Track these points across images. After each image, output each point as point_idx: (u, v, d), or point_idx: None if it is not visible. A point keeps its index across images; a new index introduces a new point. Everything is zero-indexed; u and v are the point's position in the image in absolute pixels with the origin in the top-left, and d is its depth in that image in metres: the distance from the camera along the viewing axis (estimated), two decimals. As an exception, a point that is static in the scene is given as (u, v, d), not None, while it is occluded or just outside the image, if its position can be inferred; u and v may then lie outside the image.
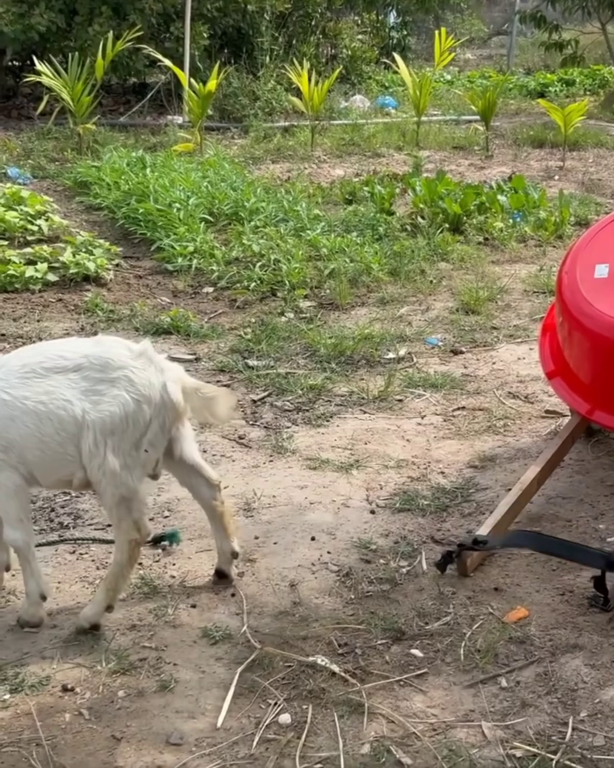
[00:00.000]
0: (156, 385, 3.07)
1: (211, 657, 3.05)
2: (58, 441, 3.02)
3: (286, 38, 14.19)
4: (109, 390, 3.02)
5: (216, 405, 3.26)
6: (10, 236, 7.38)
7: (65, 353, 3.09)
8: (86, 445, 3.01)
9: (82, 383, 3.03)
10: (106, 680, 2.93)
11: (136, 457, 3.06)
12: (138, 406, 3.03)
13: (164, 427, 3.12)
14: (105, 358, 3.06)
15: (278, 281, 6.75)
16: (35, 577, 3.17)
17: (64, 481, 3.15)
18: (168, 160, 9.56)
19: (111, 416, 3.00)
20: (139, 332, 5.97)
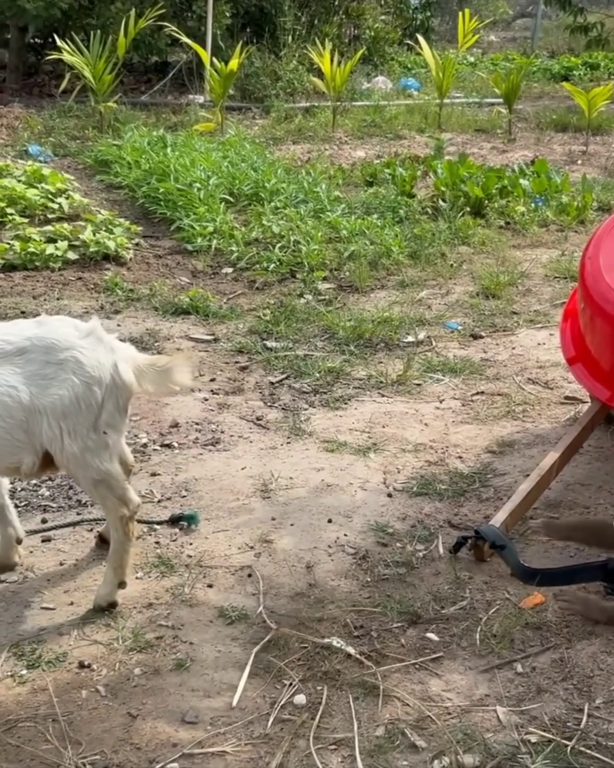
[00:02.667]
0: (106, 365, 3.00)
1: (227, 636, 3.06)
2: (5, 428, 2.94)
3: (308, 18, 14.08)
4: (57, 373, 2.94)
5: (175, 374, 3.18)
6: (31, 214, 7.38)
7: (9, 337, 2.99)
8: (42, 430, 2.95)
9: (28, 367, 2.94)
10: (122, 657, 2.94)
11: (96, 440, 3.00)
12: (88, 388, 2.95)
13: (119, 408, 3.05)
14: (50, 340, 2.97)
15: (298, 263, 6.73)
16: None
17: (12, 468, 3.07)
18: (189, 139, 9.53)
19: (60, 399, 2.93)
20: (159, 312, 5.97)
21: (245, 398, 4.85)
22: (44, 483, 3.96)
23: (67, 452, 2.99)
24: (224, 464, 4.15)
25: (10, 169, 8.32)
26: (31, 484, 3.94)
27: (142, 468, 4.08)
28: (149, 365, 3.17)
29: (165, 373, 3.19)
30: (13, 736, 2.63)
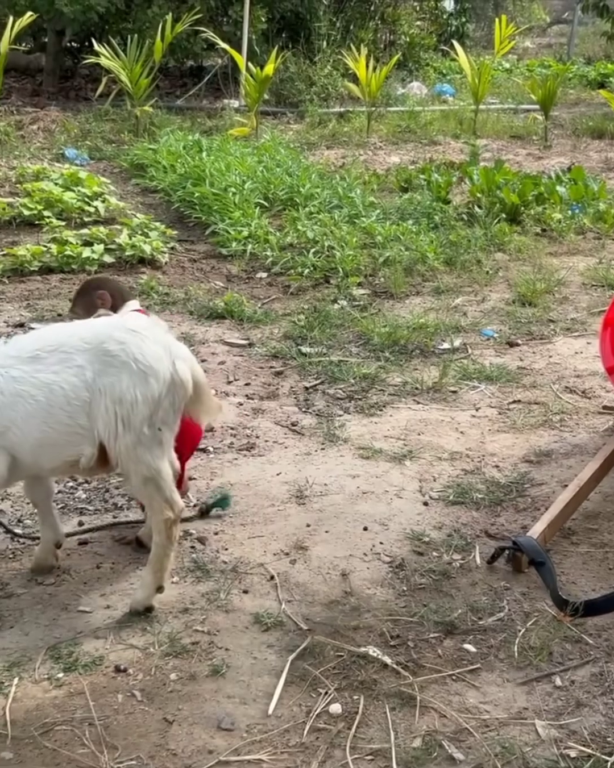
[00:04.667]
0: (165, 361, 3.02)
1: (262, 643, 3.05)
2: (69, 412, 2.97)
3: (344, 23, 14.08)
4: (118, 354, 2.97)
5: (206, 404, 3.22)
6: (67, 217, 7.43)
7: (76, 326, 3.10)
8: (100, 414, 2.97)
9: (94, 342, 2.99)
10: (158, 662, 2.94)
11: (150, 436, 3.01)
12: (144, 379, 2.97)
13: (175, 406, 3.07)
14: (115, 325, 3.06)
15: (332, 268, 6.72)
16: None
17: (70, 462, 3.07)
18: (224, 144, 9.56)
19: (119, 384, 2.95)
20: (194, 316, 5.99)
21: (280, 403, 4.84)
22: (81, 486, 3.98)
23: (120, 443, 2.99)
24: (259, 469, 4.15)
25: (47, 172, 8.40)
26: (67, 487, 3.96)
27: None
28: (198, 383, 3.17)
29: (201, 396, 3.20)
30: (50, 739, 2.63)
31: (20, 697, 2.77)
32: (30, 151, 9.70)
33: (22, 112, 11.54)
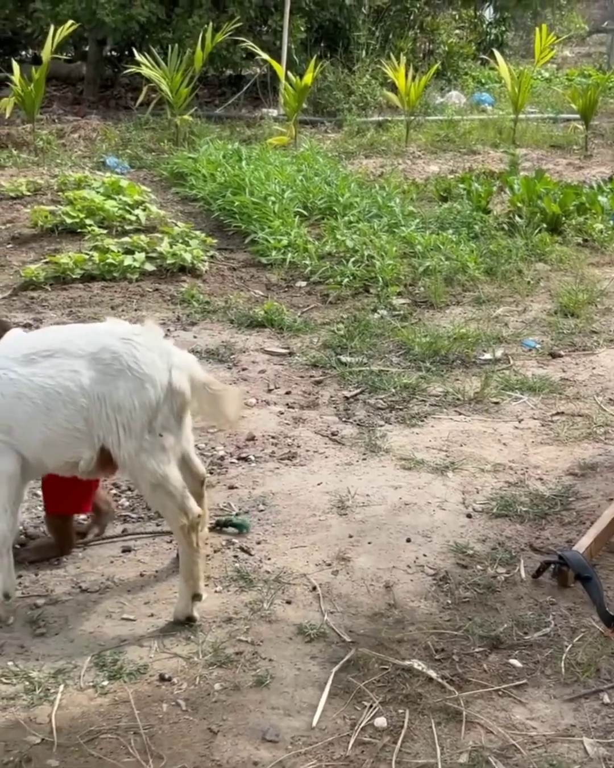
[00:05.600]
0: (161, 367, 3.03)
1: (306, 655, 3.04)
2: (66, 415, 2.99)
3: (382, 32, 14.08)
4: (113, 362, 2.99)
5: (224, 403, 3.21)
6: (109, 225, 7.49)
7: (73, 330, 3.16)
8: (101, 420, 2.99)
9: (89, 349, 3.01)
10: (202, 672, 2.94)
11: (152, 441, 3.01)
12: (141, 385, 2.98)
13: (174, 413, 3.06)
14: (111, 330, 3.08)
15: (372, 277, 6.71)
16: (4, 574, 3.12)
17: (71, 463, 3.10)
18: (263, 153, 9.59)
19: (116, 390, 2.97)
20: (234, 324, 6.00)
21: (320, 413, 4.83)
22: (124, 493, 3.99)
23: (123, 450, 3.01)
24: (300, 479, 4.14)
25: (88, 180, 8.49)
26: (111, 494, 3.97)
27: (219, 481, 4.10)
28: (204, 384, 3.18)
29: (216, 398, 3.20)
30: (95, 747, 2.64)
31: (66, 705, 2.78)
32: (71, 160, 9.80)
33: (63, 120, 11.68)
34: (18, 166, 9.39)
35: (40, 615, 3.16)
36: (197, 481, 3.31)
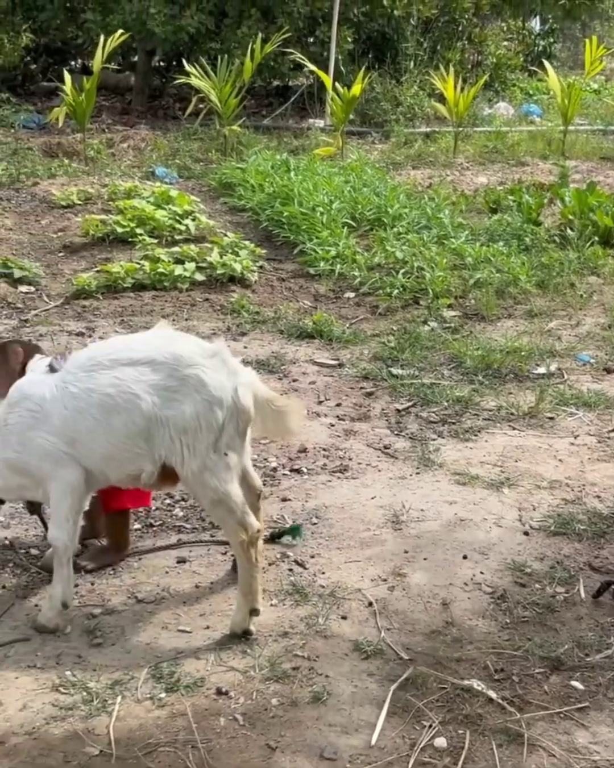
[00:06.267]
0: (227, 388, 3.01)
1: (363, 672, 3.00)
2: (126, 433, 2.99)
3: (430, 43, 14.07)
4: (180, 388, 2.98)
5: (287, 419, 3.21)
6: (159, 234, 7.53)
7: (135, 345, 3.08)
8: (164, 442, 2.99)
9: (152, 376, 2.99)
10: (259, 686, 2.92)
11: (216, 460, 3.01)
12: (209, 408, 2.97)
13: (239, 431, 3.06)
14: (176, 354, 3.02)
15: (421, 289, 6.68)
16: (64, 584, 3.12)
17: (132, 476, 3.10)
18: (311, 163, 9.60)
19: (182, 415, 2.96)
20: (284, 335, 6.00)
21: (372, 425, 4.81)
22: (178, 503, 3.99)
23: (187, 468, 3.01)
24: (353, 492, 4.11)
25: (138, 190, 8.54)
26: (165, 504, 3.97)
27: (272, 492, 4.08)
28: (267, 400, 3.18)
29: (279, 414, 3.20)
30: (153, 760, 2.62)
31: (124, 716, 2.77)
32: (121, 169, 9.87)
33: (112, 130, 11.79)
34: (69, 175, 9.49)
35: (96, 625, 3.16)
36: (253, 494, 3.29)
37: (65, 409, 3.00)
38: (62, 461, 3.02)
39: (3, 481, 3.13)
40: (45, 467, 3.03)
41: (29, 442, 3.03)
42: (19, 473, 3.10)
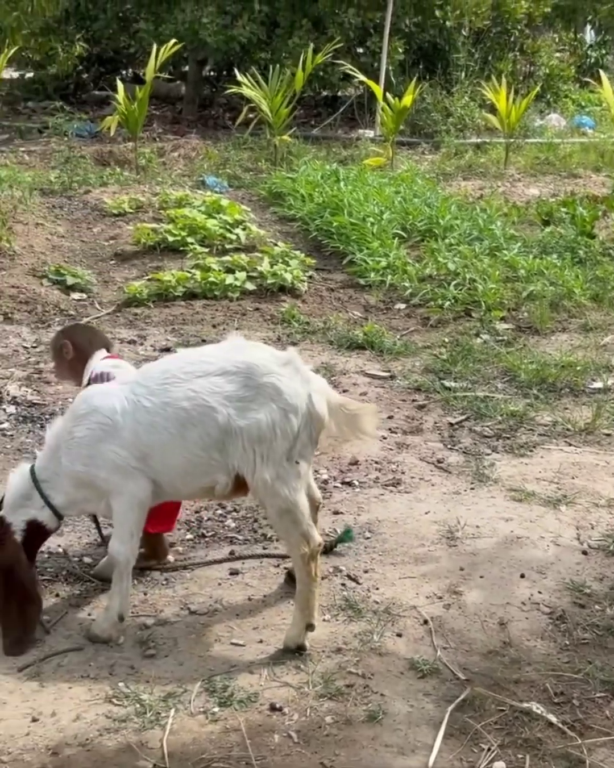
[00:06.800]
0: (302, 395, 3.00)
1: (419, 691, 2.95)
2: (201, 446, 2.97)
3: (482, 54, 14.00)
4: (255, 397, 2.96)
5: (361, 422, 3.18)
6: (209, 244, 7.54)
7: (209, 358, 3.06)
8: (237, 452, 2.97)
9: (227, 387, 2.97)
10: (313, 703, 2.87)
11: (288, 469, 2.98)
12: (284, 416, 2.96)
13: (312, 439, 3.05)
14: (250, 364, 3.00)
15: (474, 301, 6.61)
16: (122, 597, 3.10)
17: (206, 488, 3.09)
18: (361, 173, 9.57)
19: (257, 424, 2.95)
20: (334, 345, 5.96)
21: (424, 438, 4.75)
22: (230, 514, 3.97)
23: (258, 477, 2.98)
24: (406, 507, 4.06)
25: (189, 199, 8.57)
26: (217, 515, 3.95)
27: (323, 505, 4.01)
28: (340, 405, 3.16)
29: (353, 418, 3.18)
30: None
31: (177, 730, 2.74)
32: (171, 178, 9.92)
33: (163, 139, 11.87)
34: (120, 183, 9.55)
35: (149, 636, 3.14)
36: (312, 505, 3.26)
37: (138, 424, 2.99)
38: (131, 475, 3.00)
39: (66, 496, 3.11)
40: (113, 481, 3.01)
41: (99, 455, 3.01)
42: (84, 487, 3.08)
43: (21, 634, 3.05)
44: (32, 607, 3.07)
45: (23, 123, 12.74)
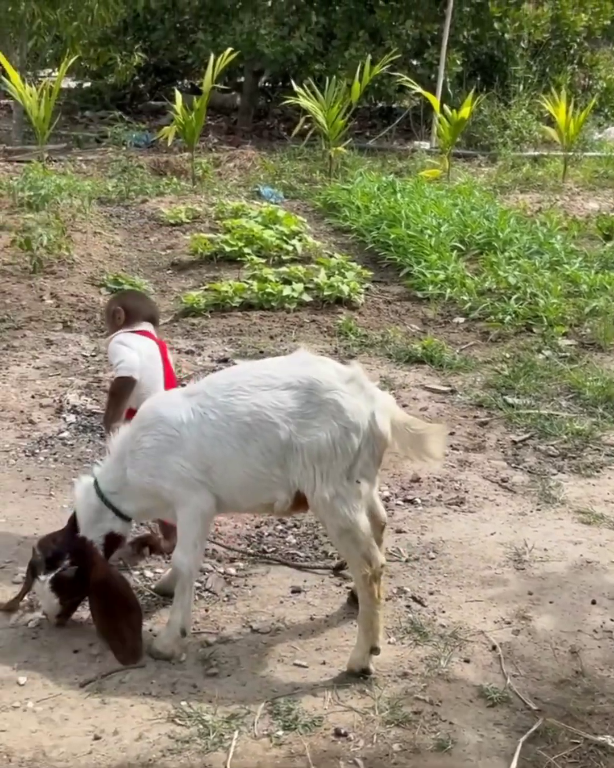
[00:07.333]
0: (365, 413, 2.92)
1: (489, 720, 2.85)
2: (263, 461, 2.92)
3: (540, 67, 13.85)
4: (317, 414, 2.90)
5: (427, 443, 3.09)
6: (266, 254, 7.50)
7: (274, 372, 3.00)
8: (298, 469, 2.91)
9: (290, 403, 2.92)
10: (379, 730, 2.79)
11: (349, 488, 2.91)
12: (346, 434, 2.89)
13: (374, 458, 2.97)
14: (313, 380, 2.94)
15: (535, 316, 6.49)
16: (184, 610, 3.04)
17: (266, 505, 3.04)
18: (418, 185, 9.49)
19: (318, 441, 2.88)
20: (392, 359, 5.88)
21: (487, 456, 4.64)
22: (290, 530, 3.90)
23: (317, 495, 2.92)
24: (471, 527, 3.96)
25: (245, 209, 8.55)
26: (277, 530, 3.88)
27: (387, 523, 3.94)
28: (406, 424, 3.07)
29: (419, 438, 3.09)
30: (272, 802, 2.52)
31: (241, 753, 2.67)
32: (227, 188, 9.92)
33: (218, 149, 11.89)
34: (177, 193, 9.56)
35: (211, 654, 3.07)
36: (377, 525, 3.18)
37: (203, 436, 2.95)
38: (195, 487, 2.96)
39: (135, 505, 3.10)
40: (178, 493, 2.97)
41: (164, 466, 2.97)
42: (150, 497, 3.05)
43: (132, 644, 3.01)
44: (134, 614, 3.04)
45: (81, 132, 12.86)
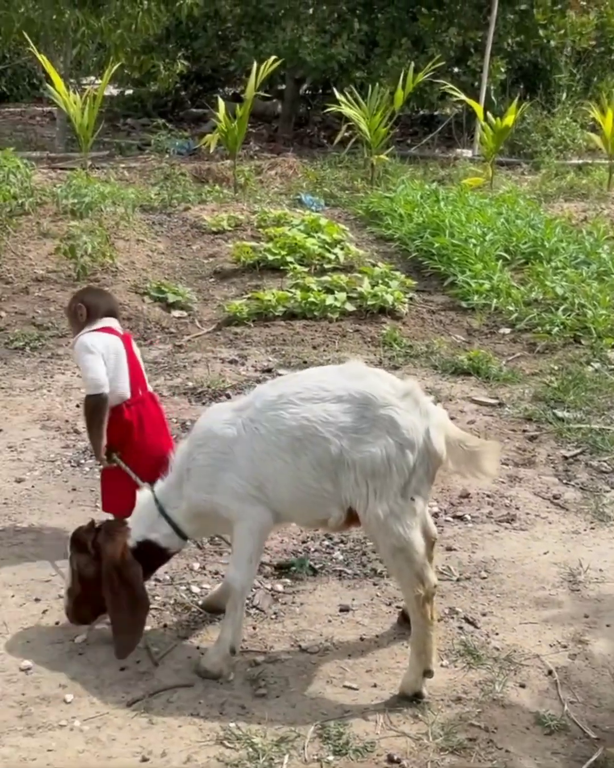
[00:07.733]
0: (420, 430, 2.84)
1: (546, 749, 2.75)
2: (315, 476, 2.85)
3: (584, 75, 13.69)
4: (371, 429, 2.82)
5: (482, 460, 3.00)
6: (308, 263, 7.44)
7: (325, 384, 2.91)
8: (350, 486, 2.84)
9: (342, 418, 2.84)
10: (433, 757, 2.70)
11: (403, 505, 2.83)
12: (401, 450, 2.81)
13: (428, 475, 2.90)
14: (367, 394, 2.86)
15: (583, 327, 6.37)
16: (235, 627, 2.96)
17: (319, 521, 2.98)
18: (462, 194, 9.39)
19: (371, 458, 2.81)
20: (438, 370, 5.79)
21: (538, 472, 4.54)
22: (337, 546, 3.82)
23: (370, 513, 2.84)
24: (523, 546, 3.86)
25: (287, 217, 8.50)
26: (324, 546, 3.81)
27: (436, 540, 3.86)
28: (460, 441, 2.99)
29: (473, 455, 3.01)
30: None
31: (291, 779, 2.60)
32: (269, 196, 9.88)
33: (260, 157, 11.87)
34: (219, 201, 9.53)
35: (260, 673, 3.00)
36: (428, 542, 3.09)
37: (253, 452, 2.89)
38: (251, 502, 2.90)
39: (195, 523, 3.04)
40: (234, 509, 2.91)
41: (220, 483, 2.92)
42: (208, 514, 3.00)
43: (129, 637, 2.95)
44: (139, 608, 2.97)
45: (123, 139, 12.90)
